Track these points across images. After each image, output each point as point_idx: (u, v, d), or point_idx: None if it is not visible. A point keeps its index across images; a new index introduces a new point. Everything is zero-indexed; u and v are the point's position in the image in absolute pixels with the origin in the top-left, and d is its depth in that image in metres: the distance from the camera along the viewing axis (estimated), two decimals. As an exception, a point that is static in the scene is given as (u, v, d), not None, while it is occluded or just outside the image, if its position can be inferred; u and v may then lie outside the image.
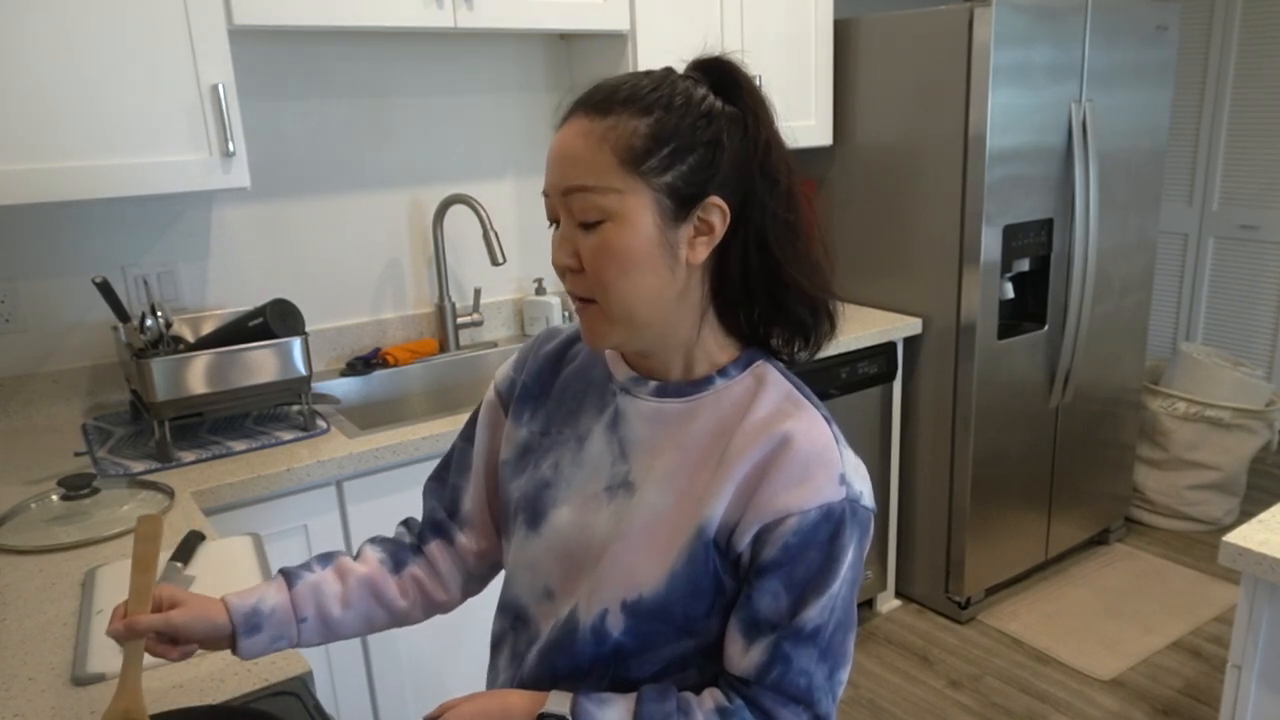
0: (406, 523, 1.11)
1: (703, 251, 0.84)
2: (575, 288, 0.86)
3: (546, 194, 0.86)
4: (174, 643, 0.91)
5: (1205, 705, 2.50)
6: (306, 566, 1.01)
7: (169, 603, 0.91)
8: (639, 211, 0.81)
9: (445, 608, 1.08)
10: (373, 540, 1.08)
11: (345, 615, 1.00)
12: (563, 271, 0.86)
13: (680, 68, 0.88)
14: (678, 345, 0.89)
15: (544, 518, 0.94)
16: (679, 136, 0.81)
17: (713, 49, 0.88)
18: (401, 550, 1.06)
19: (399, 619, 1.05)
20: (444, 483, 1.08)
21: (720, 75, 0.86)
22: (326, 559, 1.03)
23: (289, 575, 0.99)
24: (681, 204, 0.82)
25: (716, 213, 0.83)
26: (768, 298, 0.88)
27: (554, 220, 0.86)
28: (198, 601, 0.93)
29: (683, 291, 0.86)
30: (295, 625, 0.97)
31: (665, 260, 0.83)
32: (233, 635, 0.93)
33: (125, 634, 0.88)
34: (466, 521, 1.06)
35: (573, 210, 0.83)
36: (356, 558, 1.05)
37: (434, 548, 1.06)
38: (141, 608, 0.89)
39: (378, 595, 1.02)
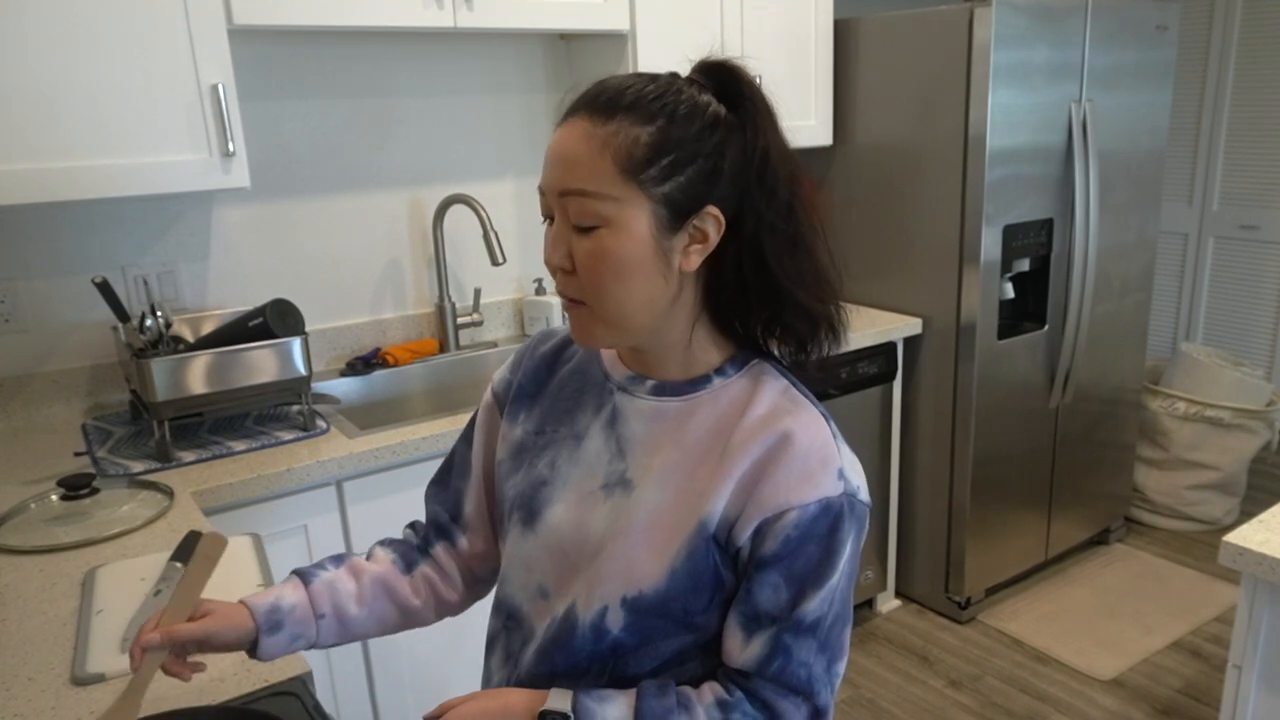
0: (413, 525, 1.12)
1: (696, 260, 0.84)
2: (566, 289, 0.85)
3: (542, 191, 0.85)
4: (197, 650, 0.91)
5: (1205, 705, 2.50)
6: (320, 566, 1.02)
7: (197, 611, 0.91)
8: (635, 220, 0.81)
9: (455, 609, 1.09)
10: (382, 542, 1.08)
11: (361, 614, 1.00)
12: (554, 270, 0.86)
13: (685, 68, 0.88)
14: (670, 346, 0.89)
15: (539, 516, 0.94)
16: (680, 147, 0.81)
17: (716, 51, 0.87)
18: (411, 551, 1.07)
19: (411, 619, 1.05)
20: (446, 486, 1.09)
21: (724, 80, 0.85)
22: (338, 560, 1.03)
23: (303, 574, 1.00)
24: (678, 214, 0.82)
25: (712, 222, 0.83)
26: (764, 307, 0.87)
27: (548, 217, 0.86)
28: (224, 609, 0.92)
29: (676, 297, 0.86)
30: (314, 623, 0.97)
31: (659, 268, 0.83)
32: (254, 636, 0.92)
33: (163, 643, 0.86)
34: (468, 525, 1.07)
35: (568, 212, 0.83)
36: (368, 558, 1.05)
37: (439, 550, 1.07)
38: (179, 620, 0.89)
39: (391, 594, 1.03)
